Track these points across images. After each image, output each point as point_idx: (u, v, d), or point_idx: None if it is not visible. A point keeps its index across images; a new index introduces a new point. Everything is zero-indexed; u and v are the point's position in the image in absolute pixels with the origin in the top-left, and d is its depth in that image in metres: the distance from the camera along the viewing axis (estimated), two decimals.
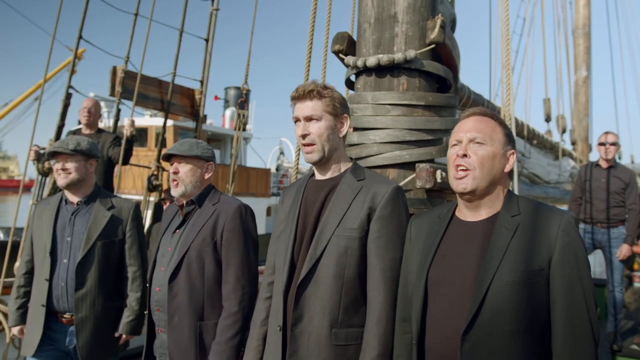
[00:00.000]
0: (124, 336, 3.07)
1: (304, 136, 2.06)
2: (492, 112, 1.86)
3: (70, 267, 2.94)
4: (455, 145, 1.82)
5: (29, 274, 3.14)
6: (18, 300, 3.13)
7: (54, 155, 3.02)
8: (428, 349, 1.75)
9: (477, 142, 1.77)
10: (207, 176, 2.76)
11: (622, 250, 5.39)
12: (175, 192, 2.70)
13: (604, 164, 5.64)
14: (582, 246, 1.67)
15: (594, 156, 11.01)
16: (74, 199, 3.08)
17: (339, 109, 2.08)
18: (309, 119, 2.06)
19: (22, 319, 3.12)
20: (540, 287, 1.63)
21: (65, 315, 2.97)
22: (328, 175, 2.13)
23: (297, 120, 2.09)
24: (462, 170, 1.76)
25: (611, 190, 5.51)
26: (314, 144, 2.05)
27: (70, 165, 2.99)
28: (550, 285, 1.64)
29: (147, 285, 2.70)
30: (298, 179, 2.30)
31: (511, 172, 1.84)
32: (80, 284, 2.93)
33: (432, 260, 1.79)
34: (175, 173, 2.68)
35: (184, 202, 2.74)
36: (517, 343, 1.61)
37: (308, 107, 2.05)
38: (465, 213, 1.83)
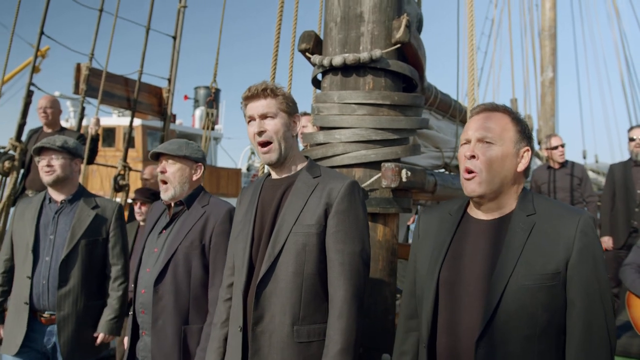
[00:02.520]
0: (102, 335, 3.00)
1: (260, 133, 2.02)
2: (504, 107, 1.72)
3: (52, 265, 2.91)
4: (464, 144, 1.70)
5: (8, 272, 3.08)
6: None
7: (40, 151, 2.98)
8: (439, 353, 1.67)
9: (486, 142, 1.64)
10: (195, 177, 2.66)
11: None
12: (164, 196, 2.61)
13: (556, 165, 5.82)
14: (600, 247, 1.60)
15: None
16: (58, 197, 3.05)
17: (292, 108, 2.08)
18: (264, 116, 2.03)
19: (0, 319, 3.06)
20: (557, 290, 1.55)
21: (44, 315, 2.92)
22: (284, 174, 2.11)
23: (251, 119, 2.06)
24: (470, 172, 1.66)
25: (569, 187, 5.71)
26: (271, 142, 2.02)
27: (56, 162, 2.97)
28: (567, 288, 1.56)
29: (133, 285, 2.63)
30: (255, 180, 2.27)
31: (527, 169, 1.70)
32: (63, 282, 2.90)
33: (444, 259, 1.70)
34: (163, 172, 2.60)
35: (172, 202, 2.64)
36: (533, 348, 1.54)
37: (262, 105, 2.03)
38: (478, 211, 1.73)
